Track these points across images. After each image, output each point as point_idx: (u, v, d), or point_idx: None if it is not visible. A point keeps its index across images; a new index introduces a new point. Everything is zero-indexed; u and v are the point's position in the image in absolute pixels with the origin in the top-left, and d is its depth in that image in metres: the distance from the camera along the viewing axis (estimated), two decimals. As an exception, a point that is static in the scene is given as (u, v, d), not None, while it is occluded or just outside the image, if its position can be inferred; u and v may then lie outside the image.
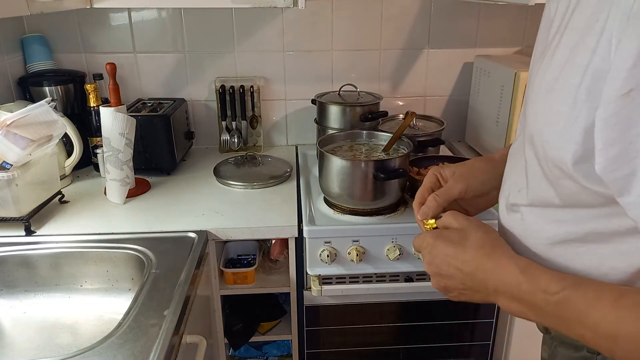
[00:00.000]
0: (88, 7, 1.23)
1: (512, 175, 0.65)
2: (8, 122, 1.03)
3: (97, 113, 1.32)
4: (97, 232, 1.12)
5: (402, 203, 1.25)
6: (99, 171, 1.46)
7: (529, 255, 0.59)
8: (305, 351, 1.32)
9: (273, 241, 1.31)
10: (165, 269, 0.98)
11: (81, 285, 1.08)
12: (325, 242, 1.17)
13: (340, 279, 1.21)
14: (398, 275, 1.21)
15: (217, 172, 1.44)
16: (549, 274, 0.53)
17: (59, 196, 1.26)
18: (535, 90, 0.56)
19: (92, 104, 1.41)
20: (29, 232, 1.11)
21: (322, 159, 1.21)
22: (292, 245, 1.20)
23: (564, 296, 0.50)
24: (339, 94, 1.53)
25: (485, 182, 0.76)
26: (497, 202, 0.73)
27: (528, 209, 0.60)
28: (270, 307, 1.39)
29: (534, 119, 0.55)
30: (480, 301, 0.61)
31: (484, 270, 0.58)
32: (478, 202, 0.77)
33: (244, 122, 1.63)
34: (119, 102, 1.23)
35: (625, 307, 0.46)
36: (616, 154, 0.44)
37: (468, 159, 1.46)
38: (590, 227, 0.53)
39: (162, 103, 1.53)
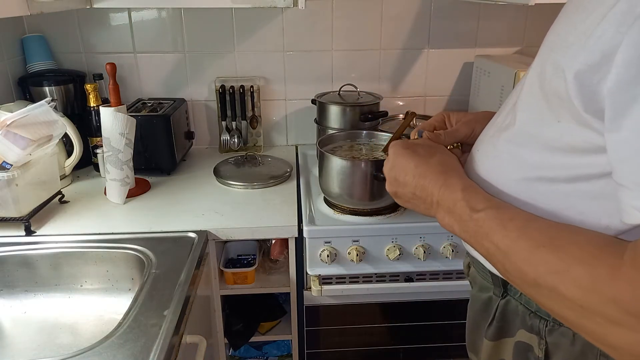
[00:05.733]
0: (88, 7, 1.23)
1: (500, 115, 0.66)
2: (8, 122, 1.03)
3: (97, 113, 1.32)
4: (97, 232, 1.12)
5: (402, 203, 1.25)
6: (99, 171, 1.46)
7: (496, 191, 0.61)
8: (305, 351, 1.32)
9: (273, 241, 1.31)
10: (165, 269, 0.98)
11: (81, 285, 1.08)
12: (325, 242, 1.17)
13: (340, 279, 1.21)
14: (398, 275, 1.21)
15: (217, 172, 1.44)
16: (482, 195, 0.58)
17: (59, 196, 1.26)
18: (561, 14, 0.55)
19: (92, 104, 1.41)
20: (29, 232, 1.11)
21: (322, 159, 1.21)
22: (292, 245, 1.20)
23: (485, 214, 0.55)
24: (339, 94, 1.53)
25: None
26: None
27: (508, 146, 0.60)
28: (270, 307, 1.39)
29: (553, 39, 0.54)
30: (423, 212, 0.66)
31: (434, 183, 0.63)
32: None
33: (244, 122, 1.63)
34: (119, 102, 1.23)
35: (527, 231, 0.51)
36: (635, 74, 0.42)
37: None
38: (562, 172, 0.53)
39: (162, 103, 1.53)
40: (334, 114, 1.47)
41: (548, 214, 0.54)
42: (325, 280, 1.20)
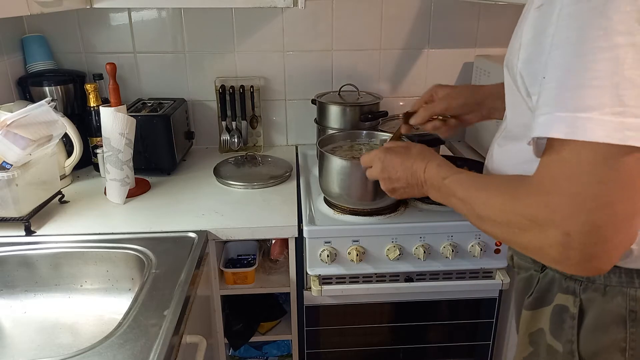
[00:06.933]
0: (88, 7, 1.23)
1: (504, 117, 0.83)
2: (8, 122, 1.03)
3: (97, 113, 1.32)
4: (97, 232, 1.12)
5: (402, 203, 1.25)
6: (99, 171, 1.46)
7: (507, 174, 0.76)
8: (305, 351, 1.32)
9: (273, 241, 1.31)
10: (165, 269, 0.98)
11: (81, 285, 1.08)
12: (325, 242, 1.17)
13: (340, 279, 1.21)
14: (398, 275, 1.21)
15: (217, 172, 1.44)
16: (450, 166, 0.76)
17: (59, 196, 1.26)
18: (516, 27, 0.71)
19: (92, 104, 1.41)
20: (29, 232, 1.11)
21: (322, 159, 1.21)
22: (292, 245, 1.20)
23: (450, 179, 0.73)
24: (339, 94, 1.53)
25: (464, 105, 1.01)
26: (485, 119, 1.04)
27: (505, 141, 0.77)
28: (270, 307, 1.39)
29: (510, 45, 0.70)
30: (417, 194, 0.83)
31: (420, 168, 0.80)
32: (466, 117, 1.04)
33: (244, 122, 1.63)
34: (119, 102, 1.23)
35: (475, 184, 0.69)
36: (531, 51, 0.59)
37: (468, 158, 1.46)
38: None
39: (162, 103, 1.53)
40: (334, 114, 1.47)
41: None
42: (325, 280, 1.20)
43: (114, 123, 1.20)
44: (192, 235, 1.11)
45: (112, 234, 1.11)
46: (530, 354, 0.76)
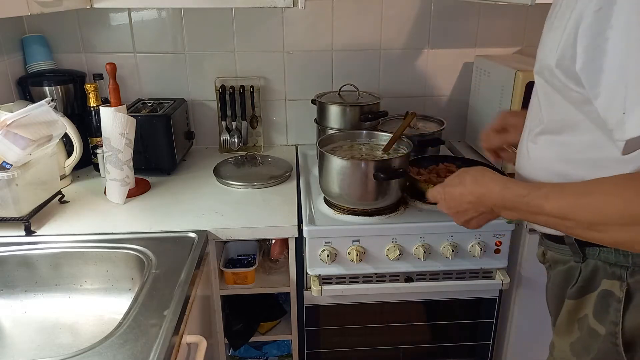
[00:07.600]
0: (88, 7, 1.24)
1: (530, 117, 0.84)
2: (8, 122, 1.03)
3: (97, 113, 1.32)
4: (97, 232, 1.12)
5: (402, 203, 1.25)
6: (99, 171, 1.46)
7: (544, 171, 0.79)
8: (305, 351, 1.32)
9: (273, 241, 1.31)
10: (165, 269, 0.98)
11: (81, 285, 1.08)
12: (325, 242, 1.17)
13: (340, 279, 1.21)
14: (398, 275, 1.21)
15: (217, 172, 1.44)
16: (518, 183, 0.74)
17: (59, 196, 1.26)
18: (543, 34, 0.75)
19: (92, 104, 1.41)
20: (29, 232, 1.11)
21: (322, 159, 1.21)
22: (292, 245, 1.20)
23: (531, 197, 0.70)
24: (339, 94, 1.53)
25: None
26: None
27: (540, 137, 0.79)
28: (270, 307, 1.39)
29: (541, 51, 0.73)
30: (493, 218, 0.81)
31: (481, 196, 0.78)
32: None
33: (244, 122, 1.63)
34: (119, 102, 1.23)
35: (569, 195, 0.66)
36: (591, 54, 0.60)
37: (468, 158, 1.46)
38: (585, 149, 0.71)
39: (162, 103, 1.53)
40: (334, 114, 1.47)
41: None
42: (325, 280, 1.20)
43: (114, 123, 1.20)
44: (192, 235, 1.11)
45: (112, 234, 1.11)
46: (577, 338, 0.79)
